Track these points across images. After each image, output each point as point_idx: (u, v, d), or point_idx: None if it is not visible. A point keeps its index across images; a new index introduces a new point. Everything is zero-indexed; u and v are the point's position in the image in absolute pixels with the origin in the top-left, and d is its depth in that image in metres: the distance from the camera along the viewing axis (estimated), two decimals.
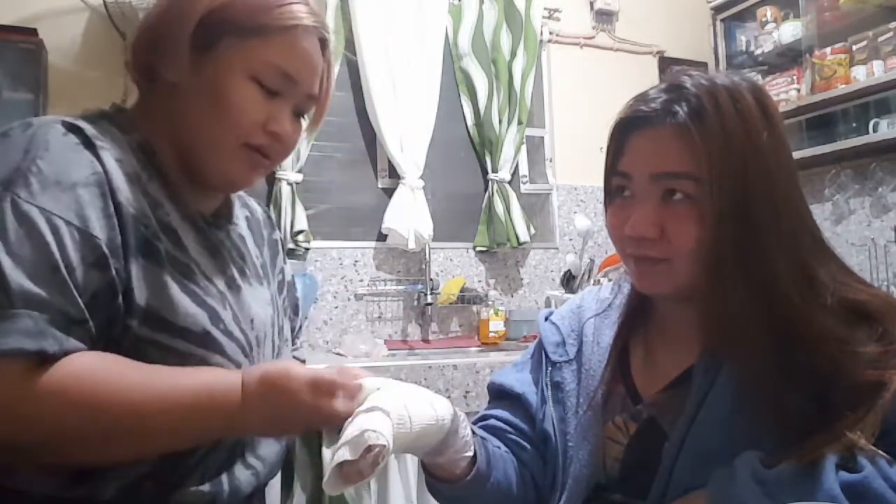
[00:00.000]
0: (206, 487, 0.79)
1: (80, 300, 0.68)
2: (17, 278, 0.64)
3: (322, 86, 0.89)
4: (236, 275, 0.88)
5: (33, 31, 2.15)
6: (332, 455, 0.66)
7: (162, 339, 0.75)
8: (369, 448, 0.66)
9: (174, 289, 0.77)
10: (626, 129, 0.80)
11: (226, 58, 0.81)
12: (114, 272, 0.72)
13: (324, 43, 0.87)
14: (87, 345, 0.69)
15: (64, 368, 0.66)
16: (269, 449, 0.89)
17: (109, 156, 0.76)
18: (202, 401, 0.70)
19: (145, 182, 0.79)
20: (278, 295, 1.00)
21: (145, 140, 0.82)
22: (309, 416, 0.71)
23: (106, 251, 0.72)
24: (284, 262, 1.06)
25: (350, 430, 0.68)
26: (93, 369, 0.68)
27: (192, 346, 0.77)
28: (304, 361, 1.10)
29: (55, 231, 0.68)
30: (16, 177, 0.69)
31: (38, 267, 0.66)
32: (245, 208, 1.00)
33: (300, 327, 1.11)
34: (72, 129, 0.75)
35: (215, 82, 0.81)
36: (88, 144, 0.75)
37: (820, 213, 2.76)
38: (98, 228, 0.71)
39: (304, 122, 0.90)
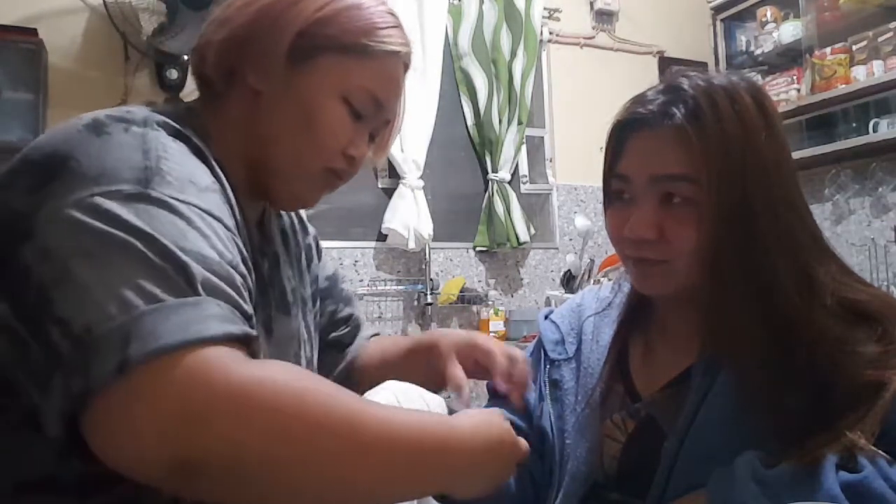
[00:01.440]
0: None
1: (248, 298, 0.61)
2: (195, 266, 0.55)
3: (397, 112, 0.86)
4: (271, 310, 0.83)
5: (33, 31, 2.15)
6: None
7: None
8: None
9: None
10: (624, 131, 0.81)
11: (321, 74, 0.76)
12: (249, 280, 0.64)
13: (406, 69, 0.85)
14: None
15: (265, 367, 0.54)
16: None
17: (217, 168, 0.70)
18: (430, 433, 0.59)
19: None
20: (311, 310, 0.95)
21: (219, 153, 0.74)
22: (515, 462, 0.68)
23: (246, 254, 0.65)
24: (319, 261, 1.02)
25: None
26: (298, 376, 0.56)
27: None
28: (376, 335, 1.10)
29: (209, 224, 0.60)
30: (150, 175, 0.60)
31: (209, 259, 0.57)
32: (280, 217, 0.93)
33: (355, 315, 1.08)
34: (178, 135, 0.68)
35: (307, 98, 0.76)
36: (200, 154, 0.69)
37: (820, 213, 2.77)
38: (235, 232, 0.65)
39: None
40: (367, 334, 1.09)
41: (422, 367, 0.91)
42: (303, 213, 1.08)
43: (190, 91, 2.24)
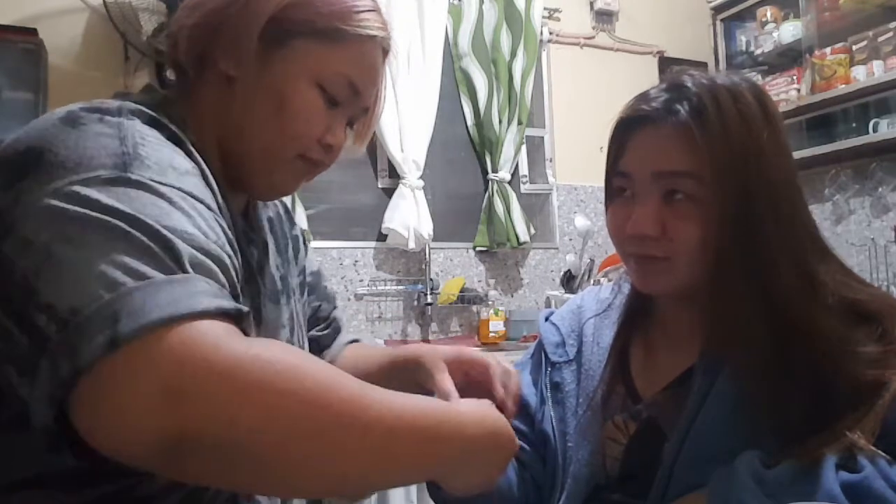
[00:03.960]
0: None
1: (236, 276, 0.59)
2: (183, 245, 0.54)
3: (376, 98, 0.83)
4: (261, 298, 0.82)
5: (33, 31, 2.15)
6: None
7: None
8: None
9: None
10: (627, 129, 0.81)
11: (295, 59, 0.74)
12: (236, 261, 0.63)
13: (385, 55, 0.82)
14: None
15: (258, 345, 0.52)
16: None
17: (193, 153, 0.68)
18: (431, 415, 0.57)
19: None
20: (300, 300, 0.94)
21: (197, 142, 0.73)
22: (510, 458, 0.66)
23: (231, 237, 0.64)
24: (306, 256, 1.00)
25: None
26: (295, 353, 0.54)
27: None
28: (355, 341, 1.07)
29: (192, 206, 0.59)
30: (128, 160, 0.59)
31: (195, 237, 0.56)
32: (266, 207, 0.92)
33: (336, 315, 1.05)
34: (154, 123, 0.67)
35: (280, 84, 0.74)
36: (177, 140, 0.67)
37: (820, 213, 2.77)
38: (218, 214, 0.64)
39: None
40: (346, 339, 1.05)
41: (404, 381, 0.87)
42: (292, 205, 1.06)
43: None
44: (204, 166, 0.68)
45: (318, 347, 1.01)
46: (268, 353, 0.51)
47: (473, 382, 0.84)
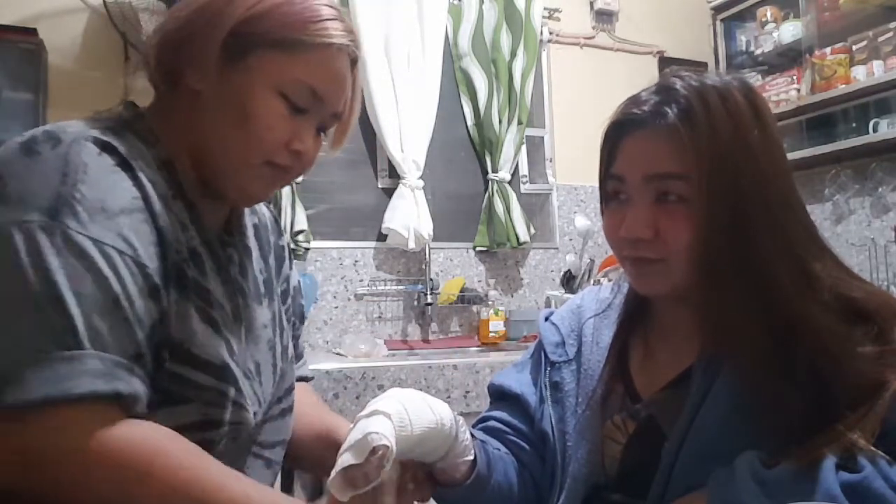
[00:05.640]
0: None
1: (140, 334, 0.66)
2: (82, 316, 0.61)
3: (347, 105, 0.85)
4: (242, 298, 0.85)
5: (33, 31, 2.15)
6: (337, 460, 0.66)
7: (185, 372, 0.72)
8: (373, 451, 0.66)
9: (196, 319, 0.74)
10: (619, 133, 0.81)
11: (255, 70, 0.78)
12: (164, 302, 0.70)
13: (353, 62, 0.84)
14: (146, 382, 0.67)
15: (132, 430, 0.62)
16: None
17: (145, 178, 0.72)
18: None
19: (171, 202, 0.76)
20: (282, 305, 0.96)
21: (167, 154, 0.79)
22: None
23: (157, 281, 0.69)
24: (290, 269, 1.03)
25: (353, 435, 0.68)
26: (171, 445, 0.64)
27: (211, 378, 0.74)
28: (309, 379, 1.08)
29: (110, 262, 0.65)
30: (60, 205, 0.65)
31: (100, 302, 0.63)
32: (253, 214, 0.96)
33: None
34: (105, 147, 0.71)
35: (242, 94, 0.77)
36: (125, 166, 0.71)
37: (820, 213, 2.76)
38: (147, 257, 0.69)
39: (324, 138, 0.87)
40: (303, 373, 1.06)
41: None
42: (290, 214, 1.12)
43: None
44: (150, 191, 0.72)
45: None
46: (124, 441, 0.60)
47: None
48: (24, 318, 0.60)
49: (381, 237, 2.59)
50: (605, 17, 3.11)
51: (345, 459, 0.65)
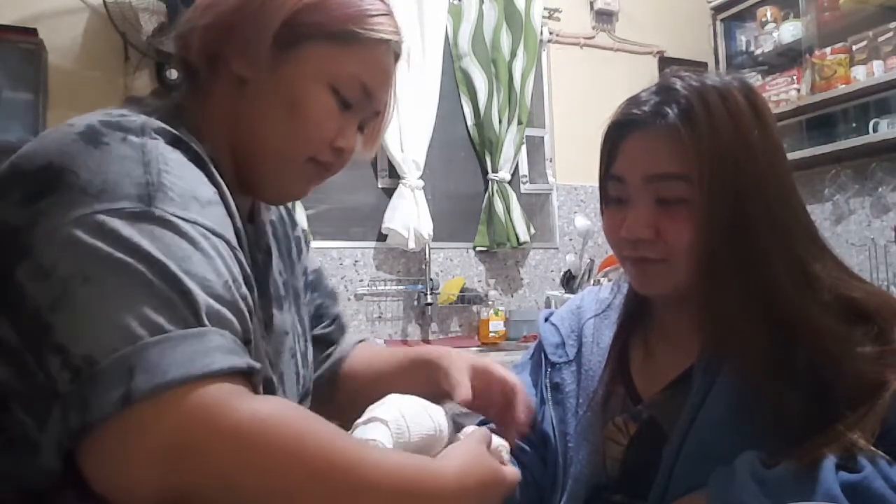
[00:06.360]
0: None
1: (248, 320, 0.60)
2: (201, 294, 0.55)
3: (386, 102, 0.82)
4: (269, 303, 0.81)
5: (33, 31, 2.15)
6: None
7: None
8: None
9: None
10: (619, 133, 0.81)
11: (307, 62, 0.74)
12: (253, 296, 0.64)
13: (397, 59, 0.82)
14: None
15: (265, 407, 0.53)
16: None
17: (214, 174, 0.68)
18: (419, 481, 0.59)
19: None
20: (303, 306, 0.94)
21: (212, 149, 0.73)
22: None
23: (249, 271, 0.65)
24: (308, 255, 1.00)
25: None
26: (301, 416, 0.56)
27: None
28: (362, 340, 1.05)
29: (213, 245, 0.59)
30: (152, 191, 0.58)
31: (211, 282, 0.57)
32: (268, 210, 0.91)
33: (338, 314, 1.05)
34: (177, 142, 0.66)
35: (292, 86, 0.74)
36: (199, 162, 0.67)
37: (820, 213, 2.76)
38: (237, 247, 0.64)
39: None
40: (354, 339, 1.05)
41: (419, 379, 0.88)
42: (293, 206, 1.06)
43: None
44: (224, 188, 0.68)
45: (325, 344, 1.01)
46: (273, 416, 0.53)
47: (491, 395, 0.85)
48: (137, 302, 0.53)
49: (381, 237, 2.59)
50: (605, 17, 3.11)
51: None
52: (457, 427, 0.79)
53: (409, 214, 2.51)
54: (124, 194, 0.57)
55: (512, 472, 0.69)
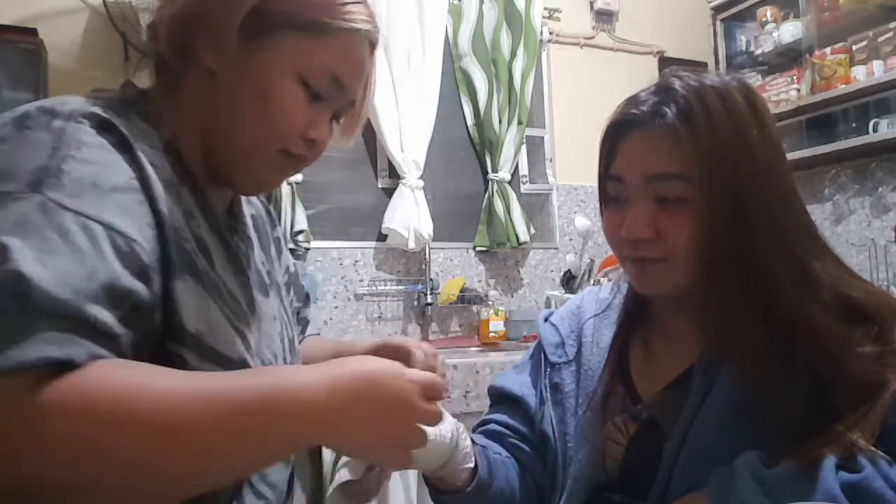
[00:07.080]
0: None
1: (111, 313, 0.58)
2: (44, 285, 0.54)
3: (362, 93, 0.81)
4: (253, 290, 0.81)
5: (33, 31, 2.15)
6: (333, 475, 0.65)
7: (205, 367, 0.67)
8: (370, 466, 0.65)
9: (215, 311, 0.70)
10: (618, 133, 0.81)
11: (276, 53, 0.73)
12: (156, 286, 0.63)
13: (373, 47, 0.81)
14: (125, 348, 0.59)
15: (77, 378, 0.53)
16: (279, 476, 0.84)
17: (146, 160, 0.66)
18: (271, 401, 0.57)
19: (176, 187, 0.70)
20: (286, 296, 0.95)
21: (173, 137, 0.73)
22: (420, 420, 0.64)
23: (147, 262, 0.62)
24: (287, 258, 1.01)
25: None
26: (115, 373, 0.55)
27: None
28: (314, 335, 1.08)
29: (92, 237, 0.58)
30: (43, 176, 0.59)
31: (69, 275, 0.55)
32: (249, 205, 0.92)
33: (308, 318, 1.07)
34: (104, 125, 0.65)
35: (261, 77, 0.73)
36: (125, 146, 0.66)
37: (820, 213, 2.76)
38: (140, 237, 0.62)
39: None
40: (306, 334, 1.06)
41: None
42: (288, 202, 1.08)
43: None
44: (150, 172, 0.66)
45: None
46: (80, 388, 0.52)
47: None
48: None
49: (381, 237, 2.59)
50: (605, 17, 3.11)
51: (342, 476, 0.64)
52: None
53: (409, 214, 2.51)
54: (15, 178, 0.58)
55: (431, 408, 0.65)
